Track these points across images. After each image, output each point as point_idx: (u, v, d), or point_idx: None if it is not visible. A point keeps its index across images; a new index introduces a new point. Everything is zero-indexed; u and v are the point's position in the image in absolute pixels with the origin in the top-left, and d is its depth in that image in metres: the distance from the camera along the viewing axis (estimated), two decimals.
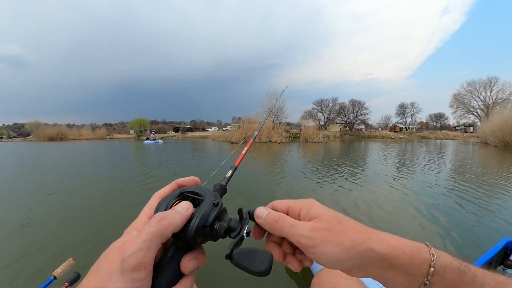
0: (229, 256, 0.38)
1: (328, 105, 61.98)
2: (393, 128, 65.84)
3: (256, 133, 0.88)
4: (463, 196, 5.58)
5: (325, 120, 61.87)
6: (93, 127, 66.13)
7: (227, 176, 0.51)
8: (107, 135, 60.59)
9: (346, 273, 0.40)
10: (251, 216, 0.44)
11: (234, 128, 37.32)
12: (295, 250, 0.44)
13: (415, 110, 68.21)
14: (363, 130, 60.94)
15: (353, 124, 61.12)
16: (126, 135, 61.86)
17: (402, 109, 68.72)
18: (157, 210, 0.39)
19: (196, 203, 0.40)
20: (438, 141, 41.19)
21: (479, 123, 44.42)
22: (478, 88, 53.28)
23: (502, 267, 1.68)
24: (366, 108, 61.52)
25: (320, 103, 62.20)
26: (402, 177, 7.86)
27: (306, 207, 0.42)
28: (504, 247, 1.70)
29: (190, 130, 70.03)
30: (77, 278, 1.30)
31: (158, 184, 6.18)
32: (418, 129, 67.16)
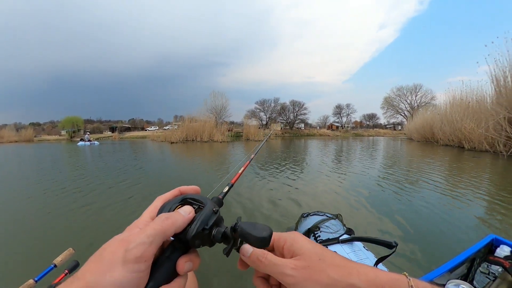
0: (234, 228, 0.42)
1: (270, 105, 63.75)
2: (331, 127, 69.96)
3: (252, 156, 0.92)
4: (395, 178, 7.24)
5: (267, 119, 63.20)
6: (18, 127, 58.33)
7: (223, 191, 0.54)
8: (35, 136, 53.49)
9: None
10: (238, 250, 0.45)
11: (176, 127, 36.26)
12: (281, 285, 0.44)
13: (350, 111, 73.61)
14: (303, 128, 63.89)
15: (294, 123, 63.56)
16: (57, 136, 55.25)
17: (339, 110, 73.49)
18: (160, 211, 0.42)
19: (197, 209, 0.43)
20: (371, 137, 46.46)
21: (405, 122, 50.17)
22: (405, 93, 62.70)
23: (487, 263, 1.67)
24: (305, 109, 64.57)
25: (262, 103, 63.70)
26: (340, 168, 9.61)
27: (289, 242, 0.43)
28: (489, 243, 1.71)
29: (128, 129, 65.36)
30: (76, 266, 1.37)
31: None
32: (353, 128, 72.67)
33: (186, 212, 0.40)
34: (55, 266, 1.31)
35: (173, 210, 0.41)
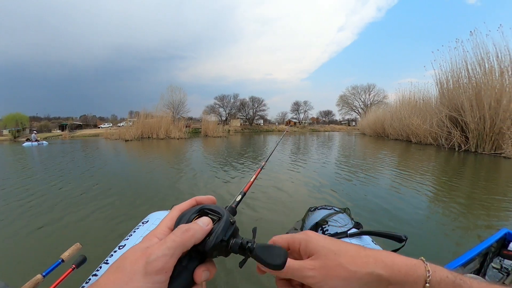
0: (251, 249, 0.42)
1: (230, 101, 63.53)
2: (289, 123, 72.00)
3: (263, 163, 0.91)
4: (352, 166, 8.25)
5: (227, 115, 63.21)
6: None
7: (237, 200, 0.55)
8: None
9: None
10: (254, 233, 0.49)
11: (130, 123, 33.95)
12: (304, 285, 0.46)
13: (307, 107, 76.45)
14: (262, 124, 64.89)
15: (253, 119, 64.30)
16: None
17: (297, 106, 75.72)
18: (179, 221, 0.43)
19: (214, 220, 0.44)
20: (327, 133, 48.72)
21: (359, 119, 54.31)
22: (360, 92, 68.16)
23: (500, 258, 1.69)
24: (264, 105, 65.69)
25: (222, 98, 63.22)
26: (299, 159, 10.20)
27: (304, 244, 0.45)
28: (502, 237, 1.71)
29: (79, 127, 60.11)
30: (83, 260, 1.37)
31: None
32: (310, 124, 75.21)
33: (205, 223, 0.41)
34: (63, 261, 1.31)
35: (191, 221, 0.42)
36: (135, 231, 1.48)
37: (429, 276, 0.38)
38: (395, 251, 1.01)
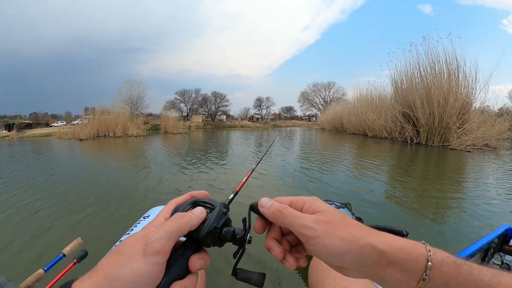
0: (235, 272, 0.46)
1: (191, 96, 62.36)
2: (251, 119, 72.68)
3: (254, 166, 0.91)
4: (312, 158, 8.76)
5: (188, 110, 62.03)
6: None
7: (229, 198, 0.57)
8: None
9: (342, 273, 0.41)
10: (254, 208, 0.48)
11: (86, 121, 30.92)
12: (292, 248, 0.47)
13: (270, 103, 77.95)
14: (224, 120, 64.65)
15: (215, 115, 63.77)
16: None
17: (259, 102, 76.82)
18: (174, 212, 0.46)
19: (207, 210, 0.46)
20: (288, 128, 49.84)
21: (319, 115, 56.57)
22: (320, 89, 71.67)
23: (501, 253, 1.70)
24: (227, 100, 65.48)
25: (183, 93, 61.83)
26: (260, 154, 9.95)
27: (309, 202, 0.44)
28: (503, 233, 1.72)
29: (29, 126, 52.72)
30: (85, 255, 1.37)
31: None
32: (272, 119, 76.84)
33: (199, 212, 0.44)
34: (64, 255, 1.32)
35: (186, 211, 0.44)
36: (136, 226, 1.51)
37: (430, 255, 0.37)
38: None
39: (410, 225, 3.38)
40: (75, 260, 1.32)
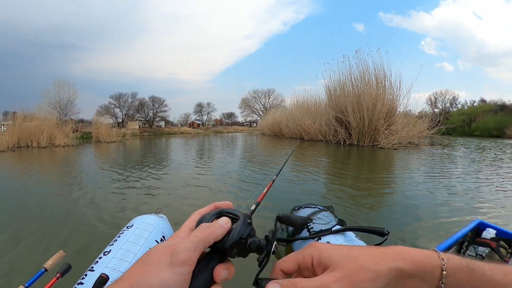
0: (257, 282, 0.43)
1: (127, 101, 57.86)
2: (192, 125, 70.67)
3: (275, 178, 0.91)
4: (255, 160, 9.15)
5: (123, 116, 57.55)
6: None
7: (251, 209, 0.58)
8: None
9: None
10: (281, 219, 0.52)
11: (4, 128, 25.67)
12: None
13: (211, 109, 76.73)
14: (163, 126, 61.66)
15: (153, 121, 60.66)
16: None
17: (200, 108, 75.19)
18: (199, 223, 0.45)
19: (232, 220, 0.45)
20: (230, 134, 49.22)
21: (260, 120, 57.96)
22: (260, 95, 73.54)
23: (474, 245, 1.81)
24: (166, 105, 62.69)
25: (118, 97, 56.89)
26: (204, 160, 10.50)
27: (316, 256, 0.42)
28: (476, 227, 1.82)
29: None
30: (68, 268, 1.27)
31: None
32: (213, 125, 75.66)
33: (224, 222, 0.43)
34: (46, 270, 1.27)
35: (211, 222, 0.44)
36: (120, 236, 1.45)
37: (444, 264, 0.38)
38: (378, 245, 1.02)
39: (351, 214, 3.81)
40: (58, 275, 1.23)
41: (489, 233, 1.76)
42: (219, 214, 0.47)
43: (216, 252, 0.43)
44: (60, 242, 3.07)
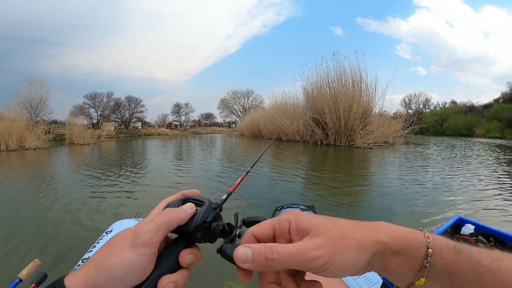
0: (220, 250, 0.40)
1: (103, 100, 55.66)
2: (169, 126, 69.35)
3: (249, 169, 0.88)
4: (236, 160, 9.16)
5: (99, 117, 55.28)
6: None
7: (222, 198, 0.55)
8: None
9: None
10: (247, 224, 0.47)
11: None
12: (295, 277, 0.40)
13: (189, 110, 75.31)
14: (140, 128, 59.78)
15: (129, 122, 58.83)
16: None
17: (178, 108, 73.71)
18: (165, 208, 0.46)
19: (197, 206, 0.47)
20: (209, 135, 48.84)
21: (239, 121, 57.90)
22: (239, 96, 72.90)
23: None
24: (143, 106, 60.92)
25: (93, 97, 54.61)
26: (183, 162, 10.33)
27: (294, 221, 0.38)
28: (455, 223, 1.84)
29: None
30: (44, 277, 1.20)
31: None
32: (191, 126, 74.68)
33: (188, 207, 0.44)
34: (21, 280, 1.22)
35: (177, 208, 0.45)
36: (99, 242, 1.45)
37: (429, 242, 0.36)
38: None
39: (332, 211, 3.75)
40: (34, 284, 1.17)
41: (468, 229, 1.76)
42: (185, 200, 0.48)
43: (183, 237, 0.43)
44: (36, 250, 2.93)
